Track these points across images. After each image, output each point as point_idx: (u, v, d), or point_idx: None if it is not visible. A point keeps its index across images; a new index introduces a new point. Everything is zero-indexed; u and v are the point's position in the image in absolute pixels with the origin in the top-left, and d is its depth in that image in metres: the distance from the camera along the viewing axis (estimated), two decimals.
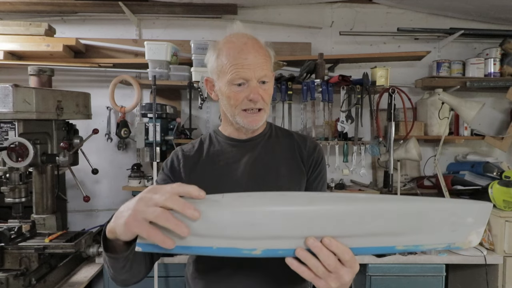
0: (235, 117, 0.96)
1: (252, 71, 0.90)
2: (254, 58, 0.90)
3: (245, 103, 0.92)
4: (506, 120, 2.61)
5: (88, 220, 2.48)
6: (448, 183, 2.35)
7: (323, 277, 0.60)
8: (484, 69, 2.43)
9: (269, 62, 0.95)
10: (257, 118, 0.95)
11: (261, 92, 0.92)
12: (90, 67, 2.30)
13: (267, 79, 0.93)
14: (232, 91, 0.92)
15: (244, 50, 0.90)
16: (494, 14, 2.43)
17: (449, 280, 2.37)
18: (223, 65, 0.92)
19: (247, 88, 0.91)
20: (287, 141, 1.05)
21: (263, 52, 0.94)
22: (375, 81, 2.23)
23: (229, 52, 0.91)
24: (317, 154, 1.05)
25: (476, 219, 0.60)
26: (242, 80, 0.90)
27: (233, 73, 0.90)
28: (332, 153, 2.30)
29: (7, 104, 1.57)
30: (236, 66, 0.89)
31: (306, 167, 1.03)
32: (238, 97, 0.92)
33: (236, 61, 0.89)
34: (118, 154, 2.48)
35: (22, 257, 1.54)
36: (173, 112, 2.29)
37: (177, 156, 1.01)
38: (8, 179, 1.60)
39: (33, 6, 2.29)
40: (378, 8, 2.57)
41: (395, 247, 0.61)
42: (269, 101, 0.97)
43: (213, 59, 0.95)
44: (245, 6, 2.47)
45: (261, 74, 0.91)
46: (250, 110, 0.94)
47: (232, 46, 0.91)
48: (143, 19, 2.50)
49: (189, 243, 0.60)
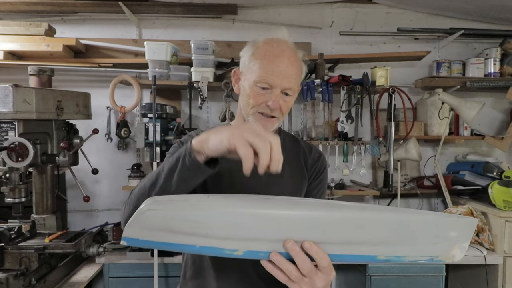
0: (248, 116, 0.96)
1: (280, 79, 0.90)
2: (286, 68, 0.90)
3: (263, 107, 0.92)
4: (506, 120, 2.61)
5: (88, 220, 2.48)
6: (448, 183, 2.35)
7: (297, 280, 0.62)
8: (484, 69, 2.43)
9: (299, 77, 0.95)
10: (268, 124, 0.94)
11: (281, 102, 0.92)
12: (90, 67, 2.30)
13: (291, 92, 0.93)
14: (254, 91, 0.92)
15: (280, 57, 0.90)
16: (494, 14, 2.43)
17: (449, 280, 2.37)
18: (254, 64, 0.92)
19: (269, 94, 0.91)
20: (293, 146, 1.06)
21: (297, 65, 0.94)
22: (375, 81, 2.23)
23: (265, 55, 0.91)
24: (321, 163, 1.06)
25: (460, 234, 0.61)
26: (267, 85, 0.91)
27: (261, 76, 0.90)
28: (332, 153, 2.30)
29: (7, 104, 1.57)
30: (266, 70, 0.90)
31: (309, 174, 1.04)
32: (258, 99, 0.92)
33: (268, 66, 0.90)
34: (118, 154, 2.48)
35: (22, 257, 1.54)
36: (173, 112, 2.29)
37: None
38: (8, 179, 1.60)
39: (33, 6, 2.29)
40: (378, 8, 2.57)
41: (376, 257, 0.61)
42: (286, 112, 0.97)
43: (247, 55, 0.95)
44: (245, 6, 2.47)
45: (287, 85, 0.91)
46: (265, 115, 0.94)
47: (270, 50, 0.92)
48: (143, 19, 2.50)
49: (174, 240, 0.61)
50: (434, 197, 2.64)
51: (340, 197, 2.36)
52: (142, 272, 1.94)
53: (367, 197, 2.61)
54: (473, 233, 0.60)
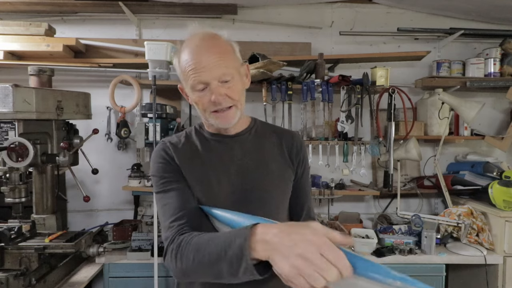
0: (208, 120, 0.95)
1: (208, 73, 0.87)
2: (207, 59, 0.87)
3: (211, 106, 0.90)
4: (506, 120, 2.61)
5: (88, 220, 2.48)
6: (448, 183, 2.35)
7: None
8: (484, 69, 2.43)
9: (228, 58, 0.90)
10: (228, 115, 0.92)
11: (225, 91, 0.89)
12: (90, 67, 2.30)
13: (228, 77, 0.89)
14: (196, 97, 0.91)
15: (197, 52, 0.88)
16: (494, 14, 2.44)
17: (449, 280, 2.37)
18: (183, 71, 0.91)
19: (209, 91, 0.89)
20: (274, 137, 1.05)
21: (218, 49, 0.89)
22: (375, 81, 2.23)
23: (185, 57, 0.89)
24: (303, 151, 1.07)
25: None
26: (202, 84, 0.88)
27: (192, 79, 0.88)
28: (332, 153, 2.30)
29: (7, 104, 1.57)
30: (193, 71, 0.87)
31: (295, 164, 1.04)
32: (203, 102, 0.90)
33: (192, 65, 0.87)
34: (118, 154, 2.48)
35: (22, 257, 1.54)
36: (173, 112, 2.29)
37: (168, 148, 0.98)
38: (8, 179, 1.60)
39: (33, 6, 2.29)
40: (378, 8, 2.57)
41: None
42: (239, 96, 0.93)
43: (177, 66, 0.94)
44: (245, 6, 2.47)
45: (218, 73, 0.87)
46: (219, 110, 0.92)
47: (187, 51, 0.90)
48: (143, 19, 2.50)
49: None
50: (434, 197, 2.64)
51: (340, 197, 2.36)
52: (142, 272, 1.94)
53: (367, 197, 2.61)
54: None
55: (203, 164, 0.97)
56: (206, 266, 0.76)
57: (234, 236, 0.72)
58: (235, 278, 0.71)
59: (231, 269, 0.70)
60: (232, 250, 0.70)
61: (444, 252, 2.02)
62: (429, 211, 2.64)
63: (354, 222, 2.33)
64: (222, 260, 0.72)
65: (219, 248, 0.74)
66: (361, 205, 2.62)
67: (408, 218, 2.23)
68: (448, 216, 2.15)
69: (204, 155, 0.98)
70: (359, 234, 2.11)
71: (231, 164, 0.97)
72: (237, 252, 0.69)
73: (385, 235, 2.12)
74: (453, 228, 2.15)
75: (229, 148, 0.99)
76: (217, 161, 0.97)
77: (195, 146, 1.00)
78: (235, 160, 0.98)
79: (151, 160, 1.00)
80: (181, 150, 0.98)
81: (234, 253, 0.69)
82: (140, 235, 2.00)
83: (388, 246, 2.04)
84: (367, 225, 2.47)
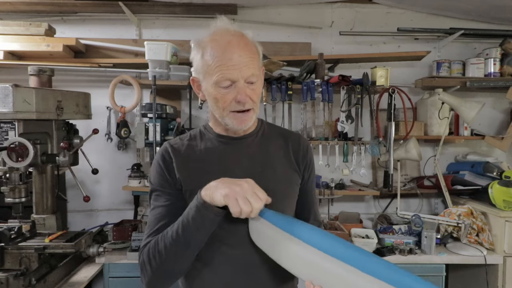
0: (223, 119, 0.93)
1: (238, 71, 0.86)
2: (239, 58, 0.86)
3: (233, 105, 0.89)
4: (506, 120, 2.61)
5: (88, 220, 2.48)
6: (448, 183, 2.36)
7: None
8: (484, 69, 2.43)
9: (256, 59, 0.91)
10: (246, 118, 0.92)
11: (249, 92, 0.89)
12: (90, 67, 2.30)
13: (254, 78, 0.89)
14: (219, 93, 0.89)
15: (229, 49, 0.86)
16: (494, 14, 2.44)
17: (449, 280, 2.37)
18: (208, 65, 0.88)
19: (234, 89, 0.88)
20: (281, 139, 1.04)
21: (249, 49, 0.89)
22: (375, 81, 2.23)
23: (213, 52, 0.87)
24: (310, 154, 1.06)
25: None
26: (229, 81, 0.87)
27: (219, 75, 0.86)
28: (332, 153, 2.30)
29: (7, 104, 1.57)
30: (221, 67, 0.86)
31: (302, 167, 1.03)
32: (226, 99, 0.89)
33: (221, 61, 0.86)
34: (118, 154, 2.48)
35: (22, 257, 1.54)
36: (173, 112, 2.29)
37: (167, 152, 0.98)
38: (8, 179, 1.60)
39: (33, 6, 2.29)
40: (378, 8, 2.57)
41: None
42: (258, 100, 0.94)
43: (198, 58, 0.91)
44: (245, 6, 2.47)
45: (247, 73, 0.87)
46: (240, 111, 0.91)
47: (216, 45, 0.87)
48: (143, 19, 2.50)
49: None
50: (434, 197, 2.64)
51: (340, 197, 2.36)
52: None
53: (367, 197, 2.61)
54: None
55: (206, 168, 0.95)
56: (172, 246, 0.86)
57: (189, 207, 0.86)
58: (201, 229, 0.84)
59: (195, 223, 0.83)
60: (191, 210, 0.84)
61: (444, 252, 2.02)
62: (429, 211, 2.65)
63: (354, 222, 2.33)
64: (185, 226, 0.85)
65: (178, 223, 0.87)
66: (361, 205, 2.62)
67: (408, 218, 2.23)
68: (448, 216, 2.15)
69: (207, 158, 0.97)
70: (359, 234, 2.11)
71: (236, 167, 0.96)
72: (194, 209, 0.84)
73: (385, 235, 2.12)
74: (453, 228, 2.15)
75: (235, 150, 0.98)
76: (222, 165, 0.96)
77: (199, 149, 0.99)
78: (241, 163, 0.96)
79: (152, 162, 1.02)
80: (182, 154, 0.97)
81: (192, 212, 0.84)
82: (140, 235, 1.99)
83: (388, 246, 2.04)
84: (367, 225, 2.47)
